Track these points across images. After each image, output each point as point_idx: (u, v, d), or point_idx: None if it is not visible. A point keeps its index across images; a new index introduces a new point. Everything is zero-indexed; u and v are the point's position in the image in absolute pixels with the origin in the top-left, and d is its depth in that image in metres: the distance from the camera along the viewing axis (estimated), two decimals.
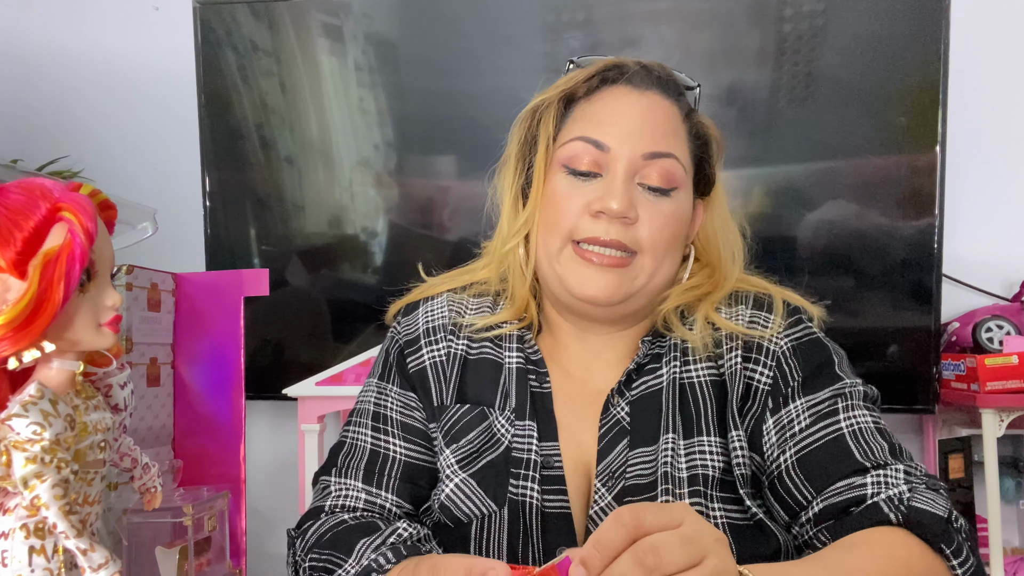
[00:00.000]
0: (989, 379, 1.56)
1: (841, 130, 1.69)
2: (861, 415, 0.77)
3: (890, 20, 1.66)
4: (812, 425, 0.77)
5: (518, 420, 0.82)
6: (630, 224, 0.79)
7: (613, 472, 0.79)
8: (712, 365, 0.83)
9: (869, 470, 0.73)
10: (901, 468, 0.73)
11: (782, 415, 0.78)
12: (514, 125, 0.90)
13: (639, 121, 0.81)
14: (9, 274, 0.63)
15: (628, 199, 0.78)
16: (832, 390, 0.78)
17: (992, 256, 1.86)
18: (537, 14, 1.77)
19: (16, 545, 0.64)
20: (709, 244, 0.88)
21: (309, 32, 1.83)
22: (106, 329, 0.69)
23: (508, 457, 0.80)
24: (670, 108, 0.83)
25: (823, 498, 0.74)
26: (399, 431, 0.86)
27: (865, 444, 0.75)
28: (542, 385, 0.85)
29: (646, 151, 0.80)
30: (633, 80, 0.84)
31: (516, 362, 0.86)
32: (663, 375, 0.83)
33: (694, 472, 0.77)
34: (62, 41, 2.11)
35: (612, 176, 0.80)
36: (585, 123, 0.83)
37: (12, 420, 0.62)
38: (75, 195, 0.67)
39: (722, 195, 0.90)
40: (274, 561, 1.99)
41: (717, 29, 1.72)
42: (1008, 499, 1.79)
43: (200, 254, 1.89)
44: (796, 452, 0.76)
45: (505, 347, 0.87)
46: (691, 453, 0.78)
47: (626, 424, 0.82)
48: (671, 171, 0.80)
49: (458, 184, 1.81)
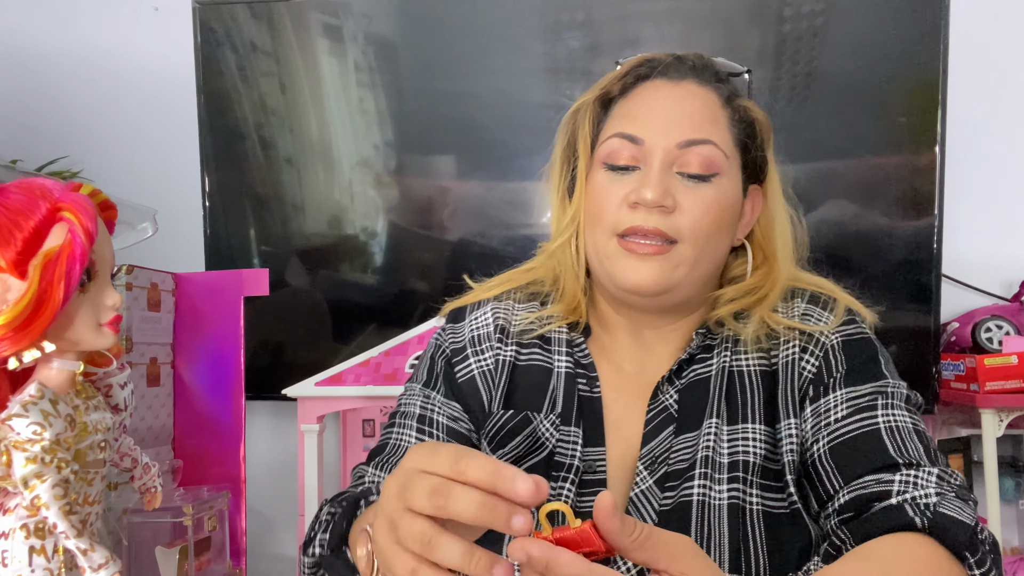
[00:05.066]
0: (988, 379, 1.56)
1: (841, 130, 1.69)
2: (900, 414, 0.76)
3: (890, 20, 1.66)
4: (848, 416, 0.76)
5: (564, 425, 0.82)
6: (668, 212, 0.79)
7: (656, 457, 0.79)
8: (764, 356, 0.83)
9: (900, 467, 0.72)
10: (935, 472, 0.71)
11: (820, 404, 0.78)
12: (558, 129, 0.91)
13: (673, 111, 0.82)
14: (9, 274, 0.63)
15: (663, 188, 0.78)
16: (874, 385, 0.78)
17: (992, 256, 1.86)
18: (537, 14, 1.77)
19: (16, 545, 0.64)
20: (769, 234, 0.87)
21: (309, 32, 1.83)
22: (106, 329, 0.69)
23: (550, 461, 0.80)
24: (707, 95, 0.83)
25: (849, 489, 0.73)
26: (444, 435, 0.85)
27: (900, 441, 0.74)
28: (592, 389, 0.85)
29: (681, 140, 0.80)
30: (667, 72, 0.84)
31: (565, 367, 0.86)
32: (713, 364, 0.83)
33: (735, 458, 0.77)
34: (62, 41, 2.11)
35: (649, 167, 0.80)
36: (621, 120, 0.84)
37: (12, 420, 0.62)
38: (75, 195, 0.67)
39: (775, 183, 0.89)
40: (274, 561, 1.99)
41: (717, 29, 1.72)
42: (1008, 499, 1.79)
43: (200, 254, 1.89)
44: (829, 441, 0.76)
45: (555, 351, 0.88)
46: (734, 439, 0.79)
47: (673, 411, 0.82)
48: (710, 157, 0.80)
49: (458, 184, 1.81)
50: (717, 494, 0.75)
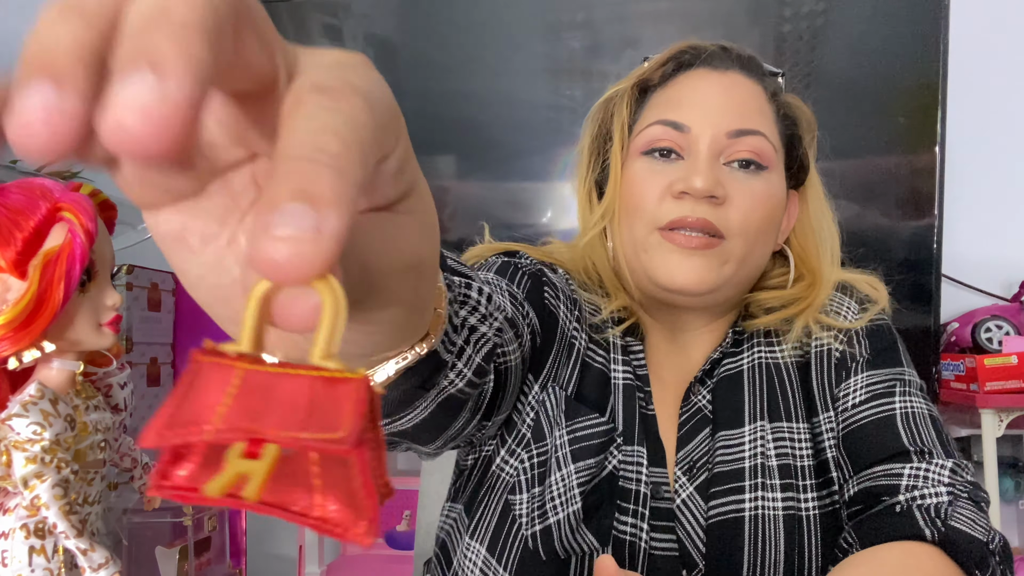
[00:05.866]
0: (988, 379, 1.56)
1: (841, 130, 1.69)
2: (917, 402, 0.74)
3: (890, 20, 1.66)
4: (866, 401, 0.74)
5: (626, 445, 0.73)
6: (718, 205, 0.72)
7: (695, 461, 0.74)
8: (798, 346, 0.78)
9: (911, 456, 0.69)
10: (948, 466, 0.69)
11: (841, 388, 0.76)
12: (585, 122, 0.84)
13: (722, 99, 0.75)
14: (9, 274, 0.63)
15: (714, 177, 0.71)
16: (893, 372, 0.76)
17: (992, 256, 1.86)
18: (537, 14, 1.77)
19: (16, 545, 0.64)
20: (807, 244, 0.82)
21: (309, 32, 1.83)
22: (106, 329, 0.69)
23: (613, 486, 0.71)
24: (754, 87, 0.77)
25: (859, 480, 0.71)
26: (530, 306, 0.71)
27: (914, 427, 0.71)
28: (648, 406, 0.77)
29: (731, 128, 0.73)
30: (711, 61, 0.78)
31: (623, 376, 0.76)
32: (743, 358, 0.78)
33: (784, 461, 0.73)
34: None
35: (695, 156, 0.73)
36: (663, 108, 0.77)
37: (12, 420, 0.62)
38: (75, 195, 0.67)
39: (818, 185, 0.84)
40: (274, 561, 1.99)
41: (717, 29, 1.72)
42: (1008, 499, 1.79)
43: None
44: (844, 427, 0.74)
45: (611, 356, 0.77)
46: (780, 440, 0.74)
47: (708, 412, 0.76)
48: (761, 149, 0.74)
49: (458, 184, 1.81)
50: (772, 504, 0.70)
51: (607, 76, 1.73)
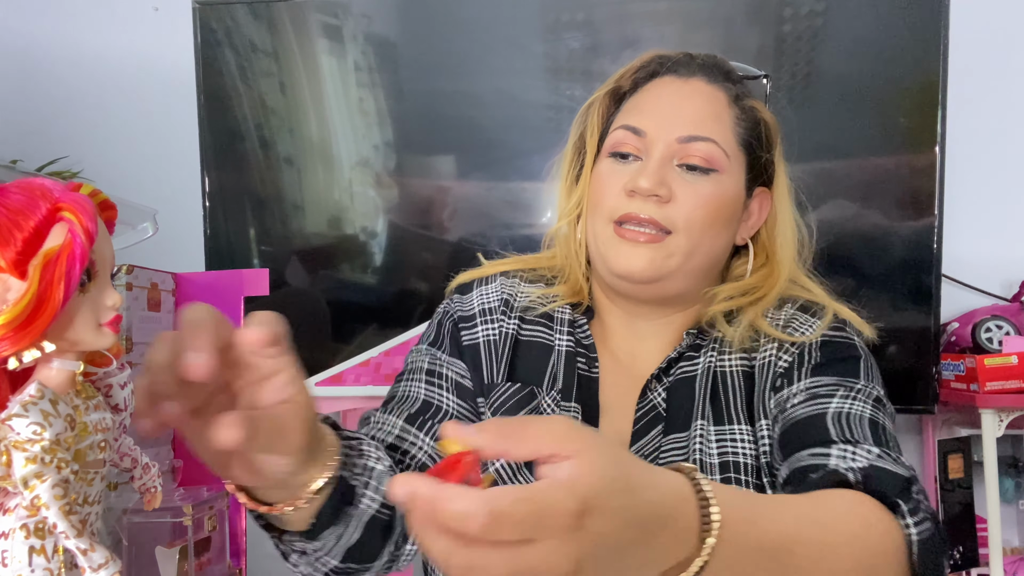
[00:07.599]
0: (988, 379, 1.56)
1: (841, 130, 1.69)
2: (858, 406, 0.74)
3: (890, 20, 1.66)
4: (804, 402, 0.76)
5: (564, 401, 0.84)
6: (663, 203, 0.81)
7: (645, 456, 0.80)
8: (746, 356, 0.84)
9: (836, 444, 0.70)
10: (875, 451, 0.69)
11: (783, 394, 0.78)
12: (572, 124, 0.94)
13: (677, 106, 0.84)
14: (9, 274, 0.63)
15: (658, 178, 0.80)
16: (841, 380, 0.77)
17: (992, 256, 1.86)
18: (537, 14, 1.77)
19: (16, 545, 0.64)
20: (772, 237, 0.89)
21: (309, 32, 1.83)
22: (106, 329, 0.69)
23: None
24: (714, 93, 0.85)
25: (788, 465, 0.73)
26: (453, 388, 0.87)
27: (845, 424, 0.72)
28: (591, 369, 0.87)
29: (681, 135, 0.82)
30: (676, 69, 0.87)
31: (566, 345, 0.88)
32: (699, 363, 0.84)
33: (725, 459, 0.78)
34: (62, 41, 2.11)
35: (648, 159, 0.82)
36: (629, 113, 0.87)
37: (12, 420, 0.62)
38: (75, 195, 0.67)
39: (783, 186, 0.90)
40: (274, 561, 1.98)
41: (717, 29, 1.72)
42: (1008, 499, 1.79)
43: (200, 254, 1.89)
44: (781, 427, 0.76)
45: (556, 330, 0.89)
46: (722, 440, 0.80)
47: (662, 410, 0.83)
48: (709, 154, 0.82)
49: (458, 184, 1.81)
50: None
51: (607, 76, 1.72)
